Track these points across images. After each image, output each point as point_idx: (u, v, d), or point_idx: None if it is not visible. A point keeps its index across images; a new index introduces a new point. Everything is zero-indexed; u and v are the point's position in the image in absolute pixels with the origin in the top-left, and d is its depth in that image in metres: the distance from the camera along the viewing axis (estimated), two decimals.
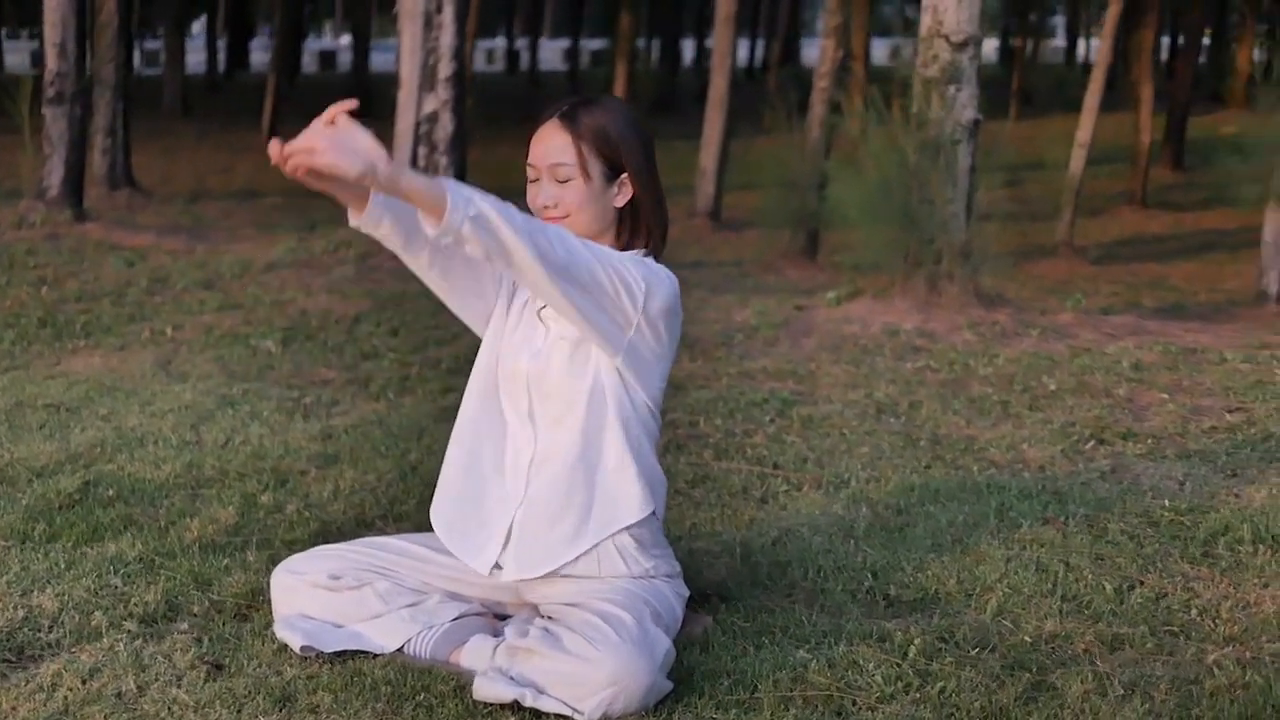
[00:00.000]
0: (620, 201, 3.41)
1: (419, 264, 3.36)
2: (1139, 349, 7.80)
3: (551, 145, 3.38)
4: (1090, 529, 4.40)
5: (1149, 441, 5.69)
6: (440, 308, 8.31)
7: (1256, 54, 34.67)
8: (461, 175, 10.35)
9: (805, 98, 12.36)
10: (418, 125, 10.08)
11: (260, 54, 48.80)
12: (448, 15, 9.96)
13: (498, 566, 3.41)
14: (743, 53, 48.03)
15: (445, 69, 10.02)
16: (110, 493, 4.63)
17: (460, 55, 10.06)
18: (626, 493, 3.35)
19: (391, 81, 10.62)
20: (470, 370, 3.54)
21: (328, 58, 50.41)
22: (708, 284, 10.55)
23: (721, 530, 4.37)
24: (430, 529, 3.56)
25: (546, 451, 3.38)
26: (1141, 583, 3.95)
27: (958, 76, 8.66)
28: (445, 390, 6.26)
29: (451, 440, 3.55)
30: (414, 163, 10.15)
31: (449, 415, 5.72)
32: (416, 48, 9.97)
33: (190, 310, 8.03)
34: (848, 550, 4.17)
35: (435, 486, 4.71)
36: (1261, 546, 4.25)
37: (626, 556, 3.39)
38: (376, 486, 4.76)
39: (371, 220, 3.24)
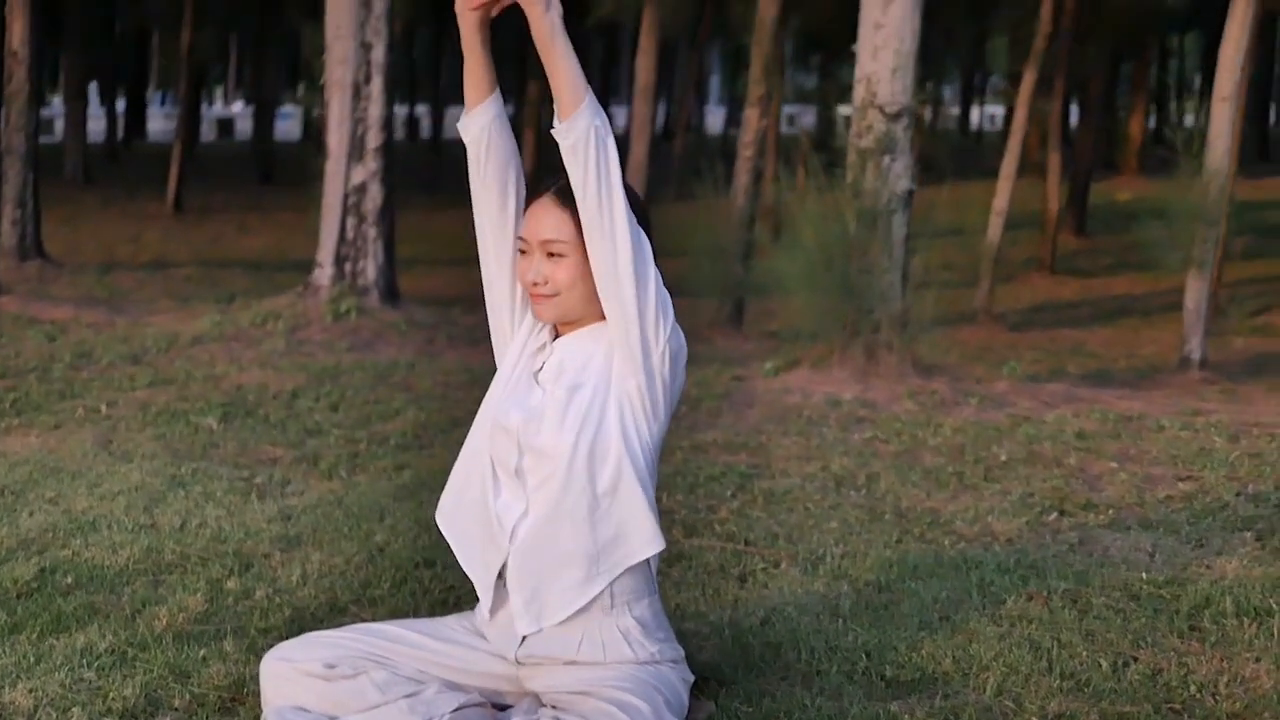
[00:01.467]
0: None
1: (482, 180, 3.35)
2: (1077, 417, 7.85)
3: (546, 221, 3.31)
4: (1074, 604, 4.38)
5: (1109, 512, 5.70)
6: (379, 381, 8.19)
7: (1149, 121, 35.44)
8: (390, 248, 10.27)
9: (727, 166, 12.39)
10: (346, 196, 9.98)
11: (156, 122, 48.40)
12: (376, 86, 9.90)
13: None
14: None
15: (374, 139, 9.95)
16: (69, 580, 4.48)
17: (389, 126, 9.99)
18: (637, 528, 3.27)
19: (293, 149, 10.55)
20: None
21: (225, 125, 50.04)
22: None
23: (707, 610, 4.30)
24: (406, 614, 3.46)
25: (536, 510, 3.28)
26: (1135, 659, 3.93)
27: (892, 147, 8.73)
28: (398, 467, 6.14)
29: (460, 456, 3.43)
30: (342, 234, 10.06)
31: (408, 494, 5.65)
32: (345, 118, 9.89)
33: (121, 386, 7.85)
34: (836, 629, 4.11)
35: (403, 569, 4.63)
36: (1246, 619, 4.25)
37: (632, 641, 3.31)
38: (345, 569, 4.64)
39: (486, 112, 3.30)
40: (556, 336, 3.42)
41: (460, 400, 7.77)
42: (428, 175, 27.39)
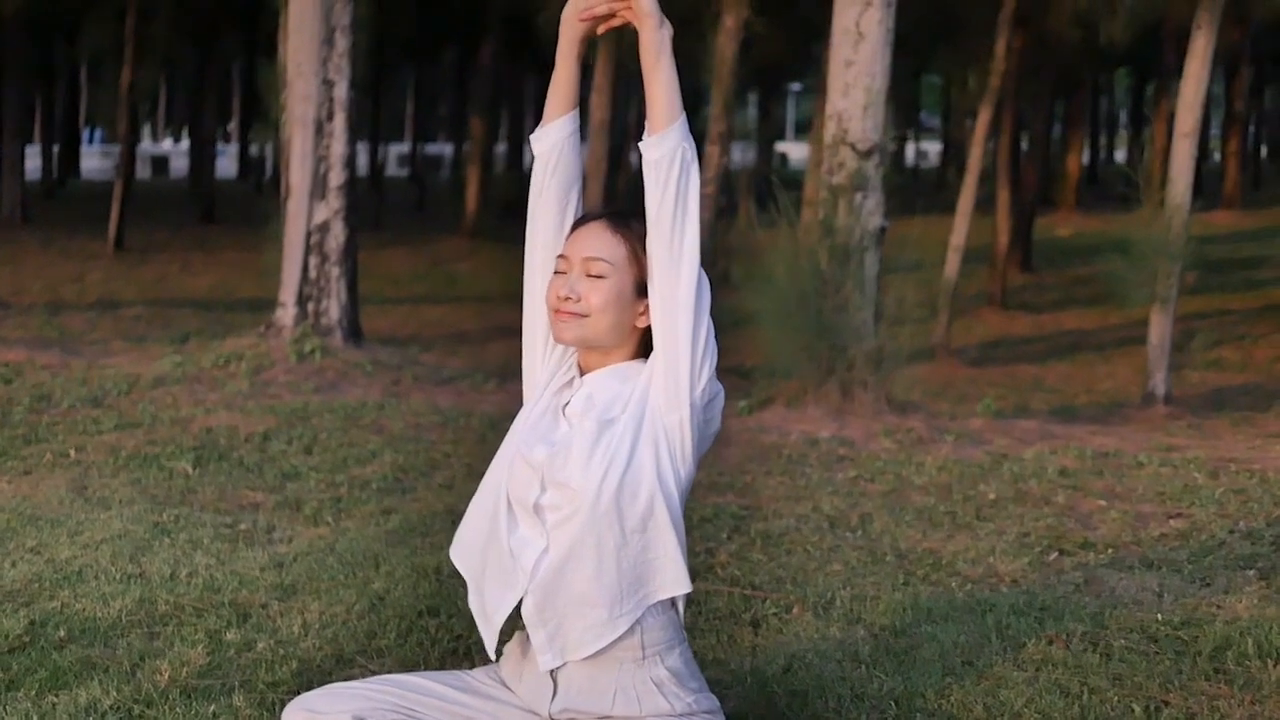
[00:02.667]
0: (644, 322, 3.24)
1: (545, 194, 3.27)
2: (1055, 454, 7.83)
3: (592, 240, 3.19)
4: (1095, 647, 4.32)
5: (1109, 551, 5.66)
6: (349, 423, 8.06)
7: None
8: (354, 287, 10.14)
9: None
10: (309, 235, 9.84)
11: (89, 160, 47.88)
12: (339, 123, 9.79)
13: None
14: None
15: (336, 177, 9.83)
16: (61, 633, 4.32)
17: (352, 164, 9.87)
18: (664, 568, 3.17)
19: (230, 187, 10.41)
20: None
21: (160, 162, 49.59)
22: None
23: (726, 658, 4.20)
24: (415, 665, 3.34)
25: (557, 547, 3.17)
26: (1166, 703, 3.87)
27: (864, 184, 8.71)
28: (385, 512, 6.01)
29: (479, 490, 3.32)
30: (305, 274, 9.91)
31: (400, 539, 5.53)
32: (307, 155, 9.76)
33: (87, 430, 7.67)
34: (861, 676, 4.03)
35: (407, 619, 4.51)
36: (1269, 661, 4.20)
37: (666, 693, 3.20)
38: (347, 619, 4.51)
39: (565, 126, 3.25)
40: (583, 373, 3.32)
41: (434, 442, 7.65)
42: (369, 213, 27.20)
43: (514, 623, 3.96)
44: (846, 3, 8.70)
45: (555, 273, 3.25)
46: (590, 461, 3.13)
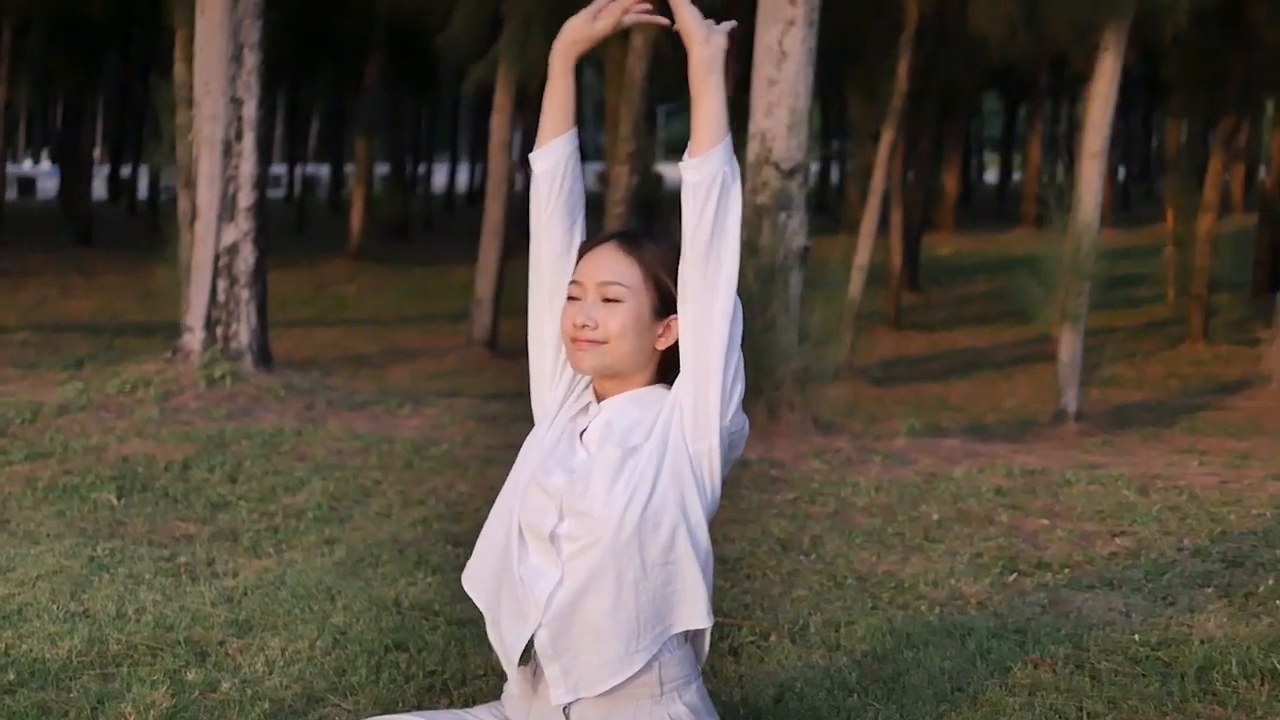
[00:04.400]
0: (664, 344, 3.14)
1: (551, 214, 3.19)
2: (983, 473, 7.84)
3: (606, 264, 3.07)
4: (1080, 669, 4.27)
5: (1065, 571, 5.65)
6: (270, 450, 7.83)
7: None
8: (263, 311, 9.90)
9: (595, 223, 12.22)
10: (217, 258, 9.59)
11: None
12: (248, 143, 9.55)
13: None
14: (460, 178, 48.04)
15: (246, 198, 9.59)
16: (10, 677, 4.10)
17: (262, 184, 9.64)
18: (686, 601, 3.06)
19: (103, 210, 10.14)
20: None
21: (27, 184, 48.48)
22: (513, 416, 10.26)
23: (715, 690, 4.06)
24: (392, 703, 3.18)
25: (573, 578, 3.04)
26: None
27: (788, 203, 8.67)
28: (327, 542, 5.83)
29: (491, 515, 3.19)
30: (213, 297, 9.66)
31: (350, 571, 5.35)
32: (215, 176, 9.51)
33: None
34: (854, 706, 3.94)
35: (375, 654, 4.34)
36: (1255, 681, 4.17)
37: None
38: (311, 655, 4.33)
39: (565, 145, 3.18)
40: (599, 398, 3.19)
41: (361, 469, 7.47)
42: None
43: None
44: (769, 22, 8.66)
45: (569, 299, 3.13)
46: (612, 490, 3.01)
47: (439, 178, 45.02)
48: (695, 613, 3.09)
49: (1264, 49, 18.91)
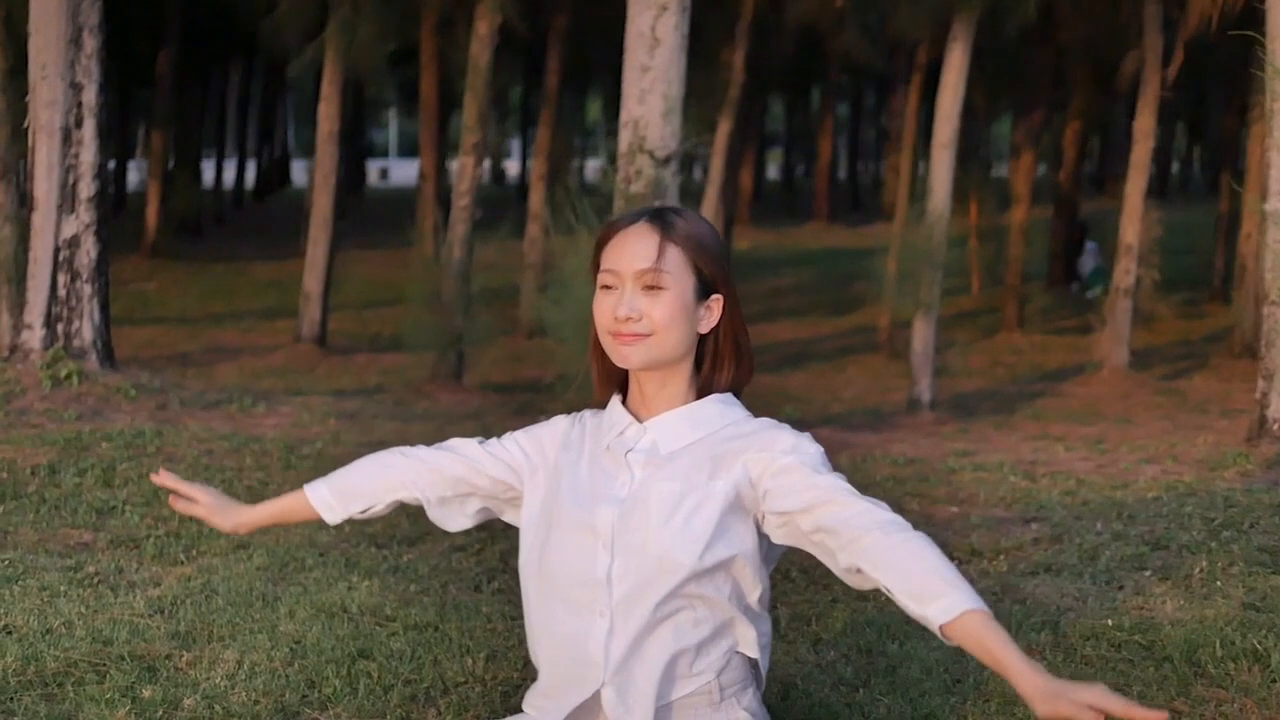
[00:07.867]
0: (705, 327, 2.96)
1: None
2: (866, 462, 7.91)
3: (642, 247, 2.88)
4: (1070, 656, 4.22)
5: (1000, 559, 5.61)
6: (135, 452, 7.43)
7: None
8: (105, 307, 9.43)
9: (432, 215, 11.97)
10: (57, 251, 9.10)
11: None
12: (89, 130, 9.08)
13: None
14: (230, 174, 47.10)
15: (87, 189, 9.11)
16: None
17: (103, 174, 9.17)
18: (747, 626, 2.94)
19: None
20: None
21: None
22: (373, 414, 9.97)
23: None
24: (378, 713, 2.98)
25: (628, 623, 2.83)
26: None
27: (662, 192, 8.53)
28: (239, 547, 5.49)
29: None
30: (53, 292, 9.15)
31: (279, 576, 5.07)
32: (54, 165, 9.02)
33: None
34: (864, 700, 3.82)
35: (342, 663, 4.08)
36: (1244, 662, 4.15)
37: None
38: (270, 666, 4.04)
39: (337, 514, 3.52)
40: (637, 416, 2.98)
41: (240, 469, 7.13)
42: None
43: (525, 672, 3.63)
44: (641, 6, 8.51)
45: (601, 287, 2.93)
46: (670, 522, 2.83)
47: (228, 173, 44.00)
48: (748, 642, 2.95)
49: (1066, 49, 19.39)
